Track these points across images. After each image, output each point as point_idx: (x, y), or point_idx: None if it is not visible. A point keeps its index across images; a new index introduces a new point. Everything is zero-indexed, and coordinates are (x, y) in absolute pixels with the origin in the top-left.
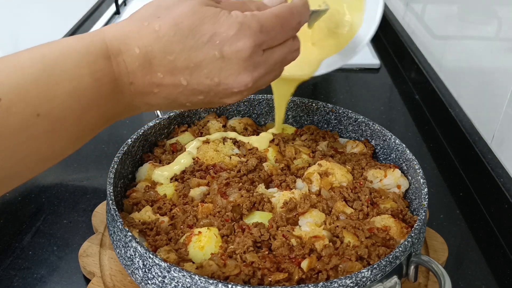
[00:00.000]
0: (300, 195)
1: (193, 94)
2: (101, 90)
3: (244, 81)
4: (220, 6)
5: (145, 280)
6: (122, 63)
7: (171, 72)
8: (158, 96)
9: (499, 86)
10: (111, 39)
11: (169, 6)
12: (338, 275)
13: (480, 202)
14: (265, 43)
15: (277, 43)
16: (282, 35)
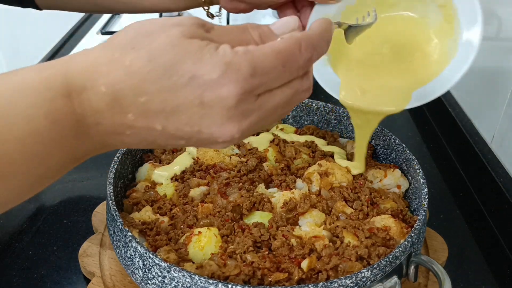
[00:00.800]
0: (300, 195)
1: (172, 138)
2: (61, 132)
3: (229, 133)
4: (208, 38)
5: (145, 280)
6: (86, 101)
7: (144, 114)
8: (133, 138)
9: (499, 86)
10: (75, 73)
11: (149, 34)
12: (338, 275)
13: (480, 202)
14: (260, 87)
15: (278, 85)
16: (285, 76)
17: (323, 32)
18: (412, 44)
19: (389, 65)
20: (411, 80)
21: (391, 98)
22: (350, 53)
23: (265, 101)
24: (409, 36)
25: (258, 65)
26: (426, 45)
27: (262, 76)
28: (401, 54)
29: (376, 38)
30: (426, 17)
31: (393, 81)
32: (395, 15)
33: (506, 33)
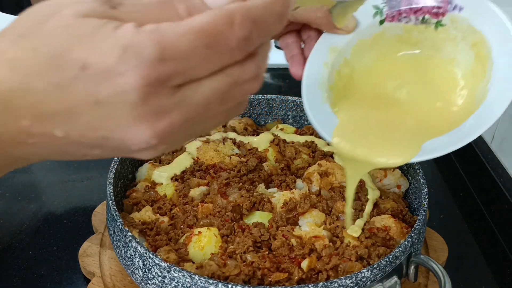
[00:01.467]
0: (300, 195)
1: (83, 147)
2: None
3: (140, 137)
4: (112, 15)
5: (145, 280)
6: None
7: (39, 119)
8: (39, 147)
9: None
10: None
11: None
12: (338, 275)
13: (480, 202)
14: (176, 76)
15: (205, 73)
16: (213, 61)
17: (271, 2)
18: (434, 90)
19: (402, 113)
20: (425, 130)
21: (396, 148)
22: (357, 92)
23: (188, 94)
24: (431, 80)
25: (169, 46)
26: (451, 92)
27: (176, 61)
28: (419, 101)
29: (392, 79)
30: (454, 58)
31: (402, 130)
32: (418, 55)
33: None
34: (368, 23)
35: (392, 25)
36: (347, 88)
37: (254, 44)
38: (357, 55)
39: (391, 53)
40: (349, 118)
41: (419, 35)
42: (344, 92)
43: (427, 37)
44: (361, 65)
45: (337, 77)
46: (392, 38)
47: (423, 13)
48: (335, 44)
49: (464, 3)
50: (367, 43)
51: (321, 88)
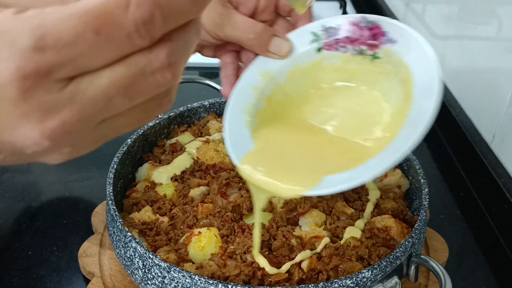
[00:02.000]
0: None
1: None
2: None
3: (29, 138)
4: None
5: (145, 281)
6: None
7: None
8: None
9: (499, 86)
10: None
11: None
12: (338, 275)
13: (481, 202)
14: (64, 67)
15: (101, 63)
16: (108, 49)
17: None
18: (360, 125)
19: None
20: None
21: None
22: (285, 120)
23: (82, 88)
24: (362, 114)
25: (50, 32)
26: (375, 128)
27: (59, 50)
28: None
29: (324, 110)
30: (387, 94)
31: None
32: (354, 88)
33: (506, 33)
34: (304, 50)
35: (330, 54)
36: (276, 115)
37: (160, 29)
38: (292, 82)
39: (327, 83)
40: (264, 146)
41: (357, 67)
42: (272, 118)
43: (363, 70)
44: (295, 93)
45: (267, 103)
46: (329, 67)
47: (360, 43)
48: (268, 68)
49: (397, 36)
50: (303, 70)
51: (246, 112)
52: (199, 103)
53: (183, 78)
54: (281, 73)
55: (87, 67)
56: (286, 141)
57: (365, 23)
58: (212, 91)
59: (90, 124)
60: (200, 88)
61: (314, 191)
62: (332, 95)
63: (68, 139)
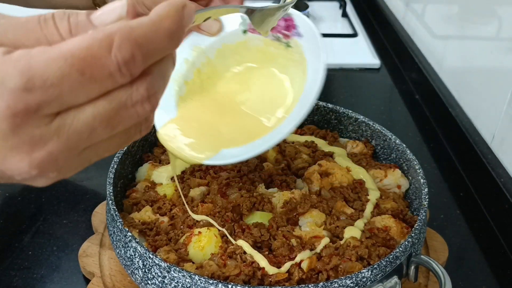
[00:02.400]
0: (300, 195)
1: None
2: None
3: (18, 168)
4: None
5: (145, 280)
6: None
7: None
8: None
9: (499, 86)
10: None
11: None
12: (338, 275)
13: (480, 202)
14: (50, 104)
15: (85, 99)
16: (91, 87)
17: (161, 20)
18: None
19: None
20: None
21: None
22: (210, 92)
23: (67, 122)
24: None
25: (37, 74)
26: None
27: (46, 89)
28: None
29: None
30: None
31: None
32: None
33: (506, 33)
34: (232, 30)
35: (254, 36)
36: (204, 86)
37: (140, 66)
38: (220, 57)
39: (250, 62)
40: (184, 115)
41: (275, 51)
42: (199, 89)
43: (280, 54)
44: (222, 67)
45: (196, 75)
46: (253, 48)
47: (277, 31)
48: (199, 43)
49: (304, 31)
50: (231, 49)
51: (175, 81)
52: None
53: None
54: (211, 48)
55: (72, 103)
56: (203, 112)
57: None
58: None
59: (74, 152)
60: None
61: (211, 161)
62: (253, 74)
63: (54, 166)
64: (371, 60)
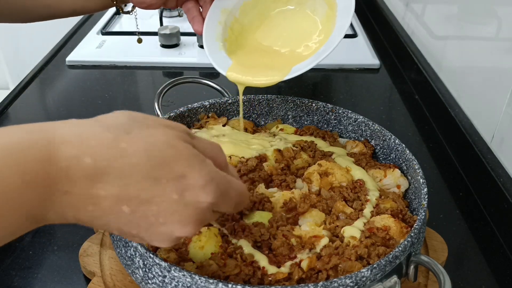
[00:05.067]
0: (300, 195)
1: (129, 224)
2: (28, 193)
3: (188, 232)
4: (196, 146)
5: (145, 280)
6: (64, 169)
7: (117, 196)
8: (89, 215)
9: (499, 86)
10: (60, 139)
11: (143, 125)
12: (338, 274)
13: (480, 202)
14: (218, 207)
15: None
16: (232, 209)
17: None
18: (302, 35)
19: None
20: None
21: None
22: (247, 42)
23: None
24: (300, 27)
25: (229, 189)
26: (313, 33)
27: (226, 200)
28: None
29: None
30: (314, 9)
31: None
32: (289, 10)
33: (506, 33)
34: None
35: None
36: (239, 40)
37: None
38: (243, 14)
39: (268, 11)
40: (239, 60)
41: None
42: (237, 42)
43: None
44: (247, 22)
45: (230, 32)
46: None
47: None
48: (225, 6)
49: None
50: (250, 4)
51: (217, 40)
52: (199, 103)
53: (183, 79)
54: (235, 8)
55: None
56: (252, 55)
57: None
58: (212, 91)
59: None
60: (200, 88)
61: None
62: (275, 19)
63: None
64: (371, 60)
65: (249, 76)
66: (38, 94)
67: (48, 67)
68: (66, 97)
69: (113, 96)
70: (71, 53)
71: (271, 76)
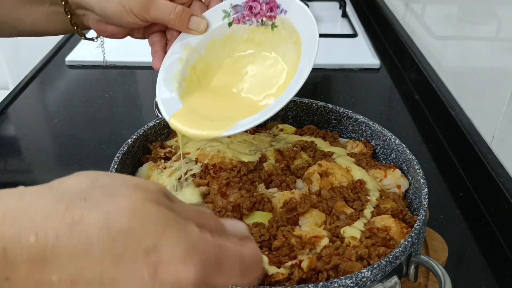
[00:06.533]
0: (300, 195)
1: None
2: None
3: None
4: (174, 209)
5: None
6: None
7: (73, 281)
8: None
9: (499, 86)
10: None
11: (106, 189)
12: (338, 275)
13: (480, 202)
14: (214, 282)
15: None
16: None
17: None
18: (266, 83)
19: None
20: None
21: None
22: (208, 85)
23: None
24: (267, 75)
25: (223, 257)
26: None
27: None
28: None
29: (238, 75)
30: (285, 55)
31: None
32: (260, 54)
33: (506, 33)
34: (218, 25)
35: (239, 27)
36: (201, 80)
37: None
38: (211, 52)
39: (239, 51)
40: (190, 104)
41: (261, 36)
42: (198, 83)
43: (267, 38)
44: (214, 61)
45: (191, 71)
46: (240, 39)
47: (261, 16)
48: (189, 42)
49: (288, 6)
50: (219, 43)
51: (174, 80)
52: None
53: None
54: (201, 46)
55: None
56: (207, 101)
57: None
58: None
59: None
60: None
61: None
62: (244, 62)
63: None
64: (371, 60)
65: (192, 127)
66: (38, 94)
67: (48, 67)
68: (66, 97)
69: (113, 96)
70: (71, 53)
71: (212, 130)
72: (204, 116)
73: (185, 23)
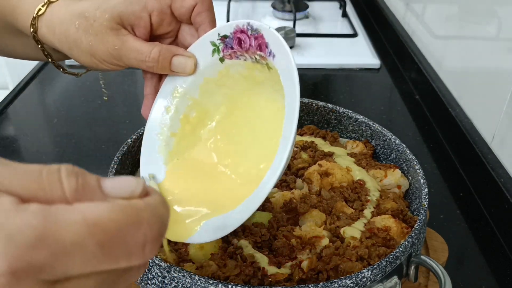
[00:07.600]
0: (300, 195)
1: None
2: None
3: None
4: None
5: (145, 280)
6: None
7: None
8: None
9: (499, 86)
10: None
11: None
12: (338, 275)
13: (480, 202)
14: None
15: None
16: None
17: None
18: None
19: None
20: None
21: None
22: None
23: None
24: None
25: (51, 235)
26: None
27: (56, 254)
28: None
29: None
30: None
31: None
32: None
33: (506, 33)
34: (209, 61)
35: (234, 62)
36: (196, 131)
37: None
38: (206, 93)
39: (239, 94)
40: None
41: (260, 74)
42: (193, 135)
43: (267, 77)
44: (211, 105)
45: (183, 122)
46: (238, 75)
47: (252, 53)
48: (177, 86)
49: (276, 49)
50: (215, 82)
51: (160, 135)
52: None
53: None
54: (193, 88)
55: (76, 274)
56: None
57: (251, 31)
58: None
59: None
60: None
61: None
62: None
63: None
64: (371, 60)
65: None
66: (38, 94)
67: (48, 67)
68: (65, 97)
69: (113, 96)
70: None
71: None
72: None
73: (167, 67)
